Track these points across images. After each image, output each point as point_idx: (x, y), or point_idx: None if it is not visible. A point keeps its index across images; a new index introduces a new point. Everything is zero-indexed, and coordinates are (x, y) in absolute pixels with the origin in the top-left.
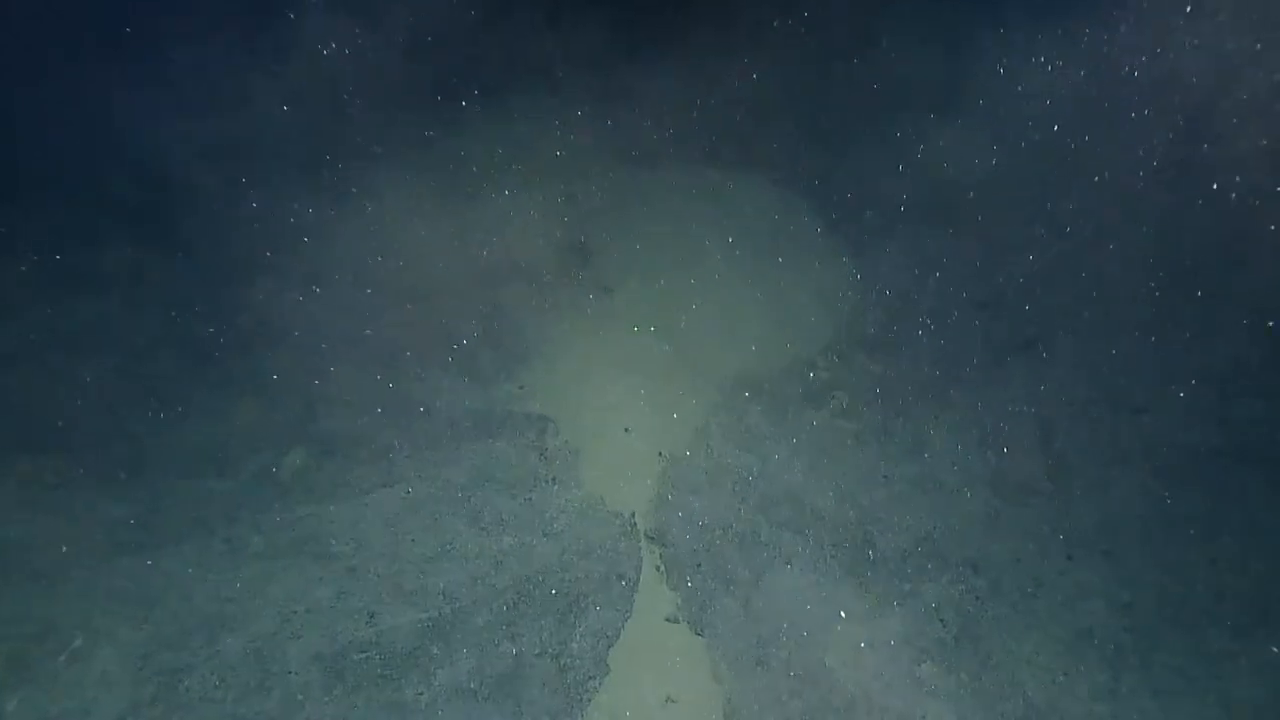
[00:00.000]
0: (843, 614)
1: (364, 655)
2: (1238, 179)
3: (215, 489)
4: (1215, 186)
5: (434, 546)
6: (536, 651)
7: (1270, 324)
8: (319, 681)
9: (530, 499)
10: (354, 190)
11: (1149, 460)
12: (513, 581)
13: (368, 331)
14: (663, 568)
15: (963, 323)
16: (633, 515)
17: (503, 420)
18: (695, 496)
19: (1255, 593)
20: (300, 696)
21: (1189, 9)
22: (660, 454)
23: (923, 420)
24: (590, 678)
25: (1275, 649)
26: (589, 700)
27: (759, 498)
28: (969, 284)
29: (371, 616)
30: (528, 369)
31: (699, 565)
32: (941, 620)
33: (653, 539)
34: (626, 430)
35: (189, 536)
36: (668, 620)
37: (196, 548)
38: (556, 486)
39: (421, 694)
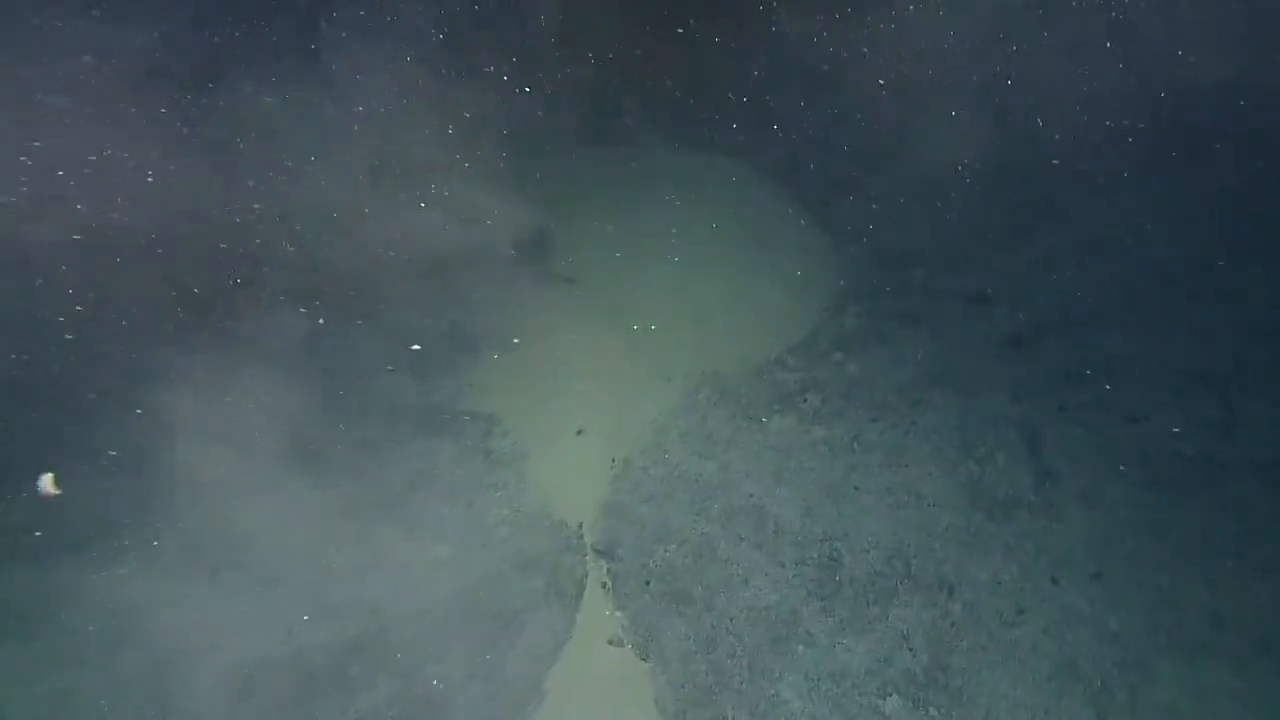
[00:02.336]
0: (803, 642)
1: (277, 674)
2: (1242, 168)
3: (127, 489)
4: (1220, 181)
5: (364, 556)
6: (466, 674)
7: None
8: (223, 703)
9: (470, 505)
10: (304, 174)
11: (1144, 472)
12: (445, 596)
13: (311, 321)
14: (609, 584)
15: (948, 320)
16: (580, 526)
17: (447, 419)
18: (649, 506)
19: (1257, 620)
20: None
21: None
22: (614, 459)
23: (900, 426)
24: (524, 704)
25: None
26: None
27: (718, 509)
28: (956, 278)
29: (289, 632)
30: (478, 364)
31: (648, 583)
32: (911, 649)
33: (600, 552)
34: (579, 433)
35: (93, 543)
36: (611, 643)
37: (101, 555)
38: (500, 493)
39: None
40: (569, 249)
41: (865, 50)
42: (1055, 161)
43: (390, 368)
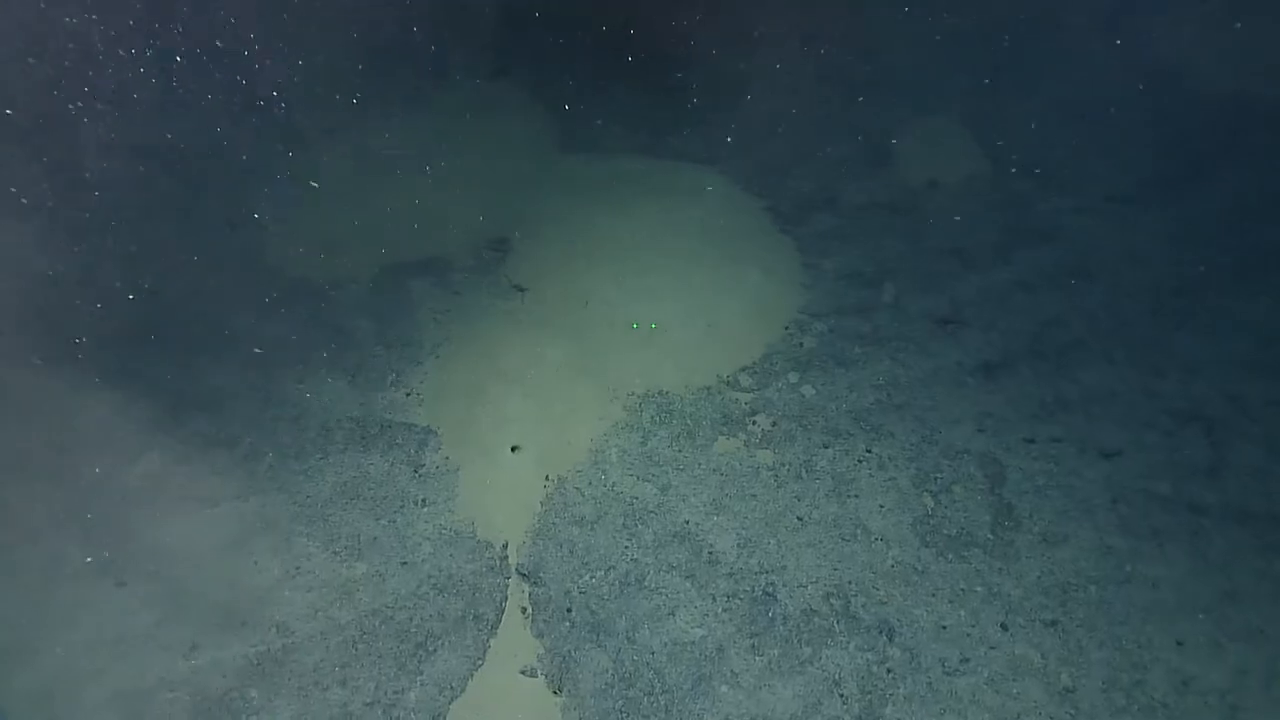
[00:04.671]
0: (727, 682)
1: (173, 695)
2: (1246, 188)
3: (43, 495)
4: (1221, 202)
5: (279, 570)
6: (367, 700)
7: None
8: None
9: (394, 522)
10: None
11: (1115, 514)
12: (357, 616)
13: (250, 323)
14: (529, 610)
15: (914, 343)
16: (505, 546)
17: (381, 430)
18: (579, 529)
19: (1228, 686)
20: None
21: None
22: (548, 477)
23: (853, 455)
24: None
25: None
26: None
27: (651, 535)
28: (927, 299)
29: (192, 649)
30: (420, 373)
31: (570, 610)
32: (842, 695)
33: (524, 575)
34: (514, 449)
35: (6, 550)
36: (523, 673)
37: (11, 563)
38: (426, 509)
39: None
40: (526, 257)
41: (846, 59)
42: (1040, 175)
43: (331, 374)
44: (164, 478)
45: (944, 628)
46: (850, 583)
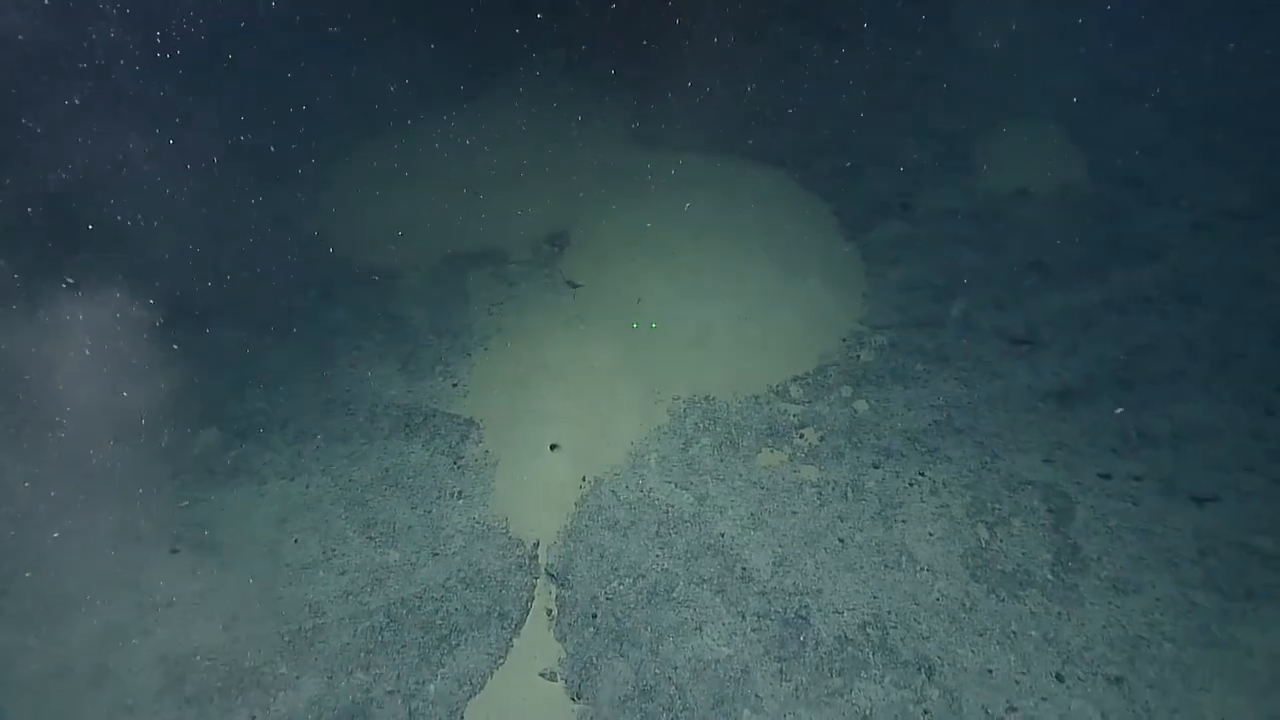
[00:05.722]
0: (750, 706)
1: (210, 664)
2: None
3: (117, 461)
4: None
5: (317, 551)
6: (389, 688)
7: None
8: (155, 686)
9: (429, 512)
10: (314, 160)
11: (1202, 567)
12: (385, 603)
13: (312, 306)
14: (555, 612)
15: (982, 363)
16: (536, 545)
17: (425, 419)
18: (612, 533)
19: None
20: (129, 701)
21: None
22: (584, 478)
23: (904, 477)
24: None
25: None
26: None
27: (684, 545)
28: (1002, 316)
29: (232, 619)
30: (468, 364)
31: (595, 615)
32: None
33: (553, 576)
34: (553, 447)
35: (69, 510)
36: (542, 676)
37: (74, 523)
38: (461, 501)
39: (254, 718)
40: (582, 252)
41: (927, 61)
42: (1146, 186)
43: (384, 362)
44: (221, 452)
45: (990, 671)
46: (890, 613)
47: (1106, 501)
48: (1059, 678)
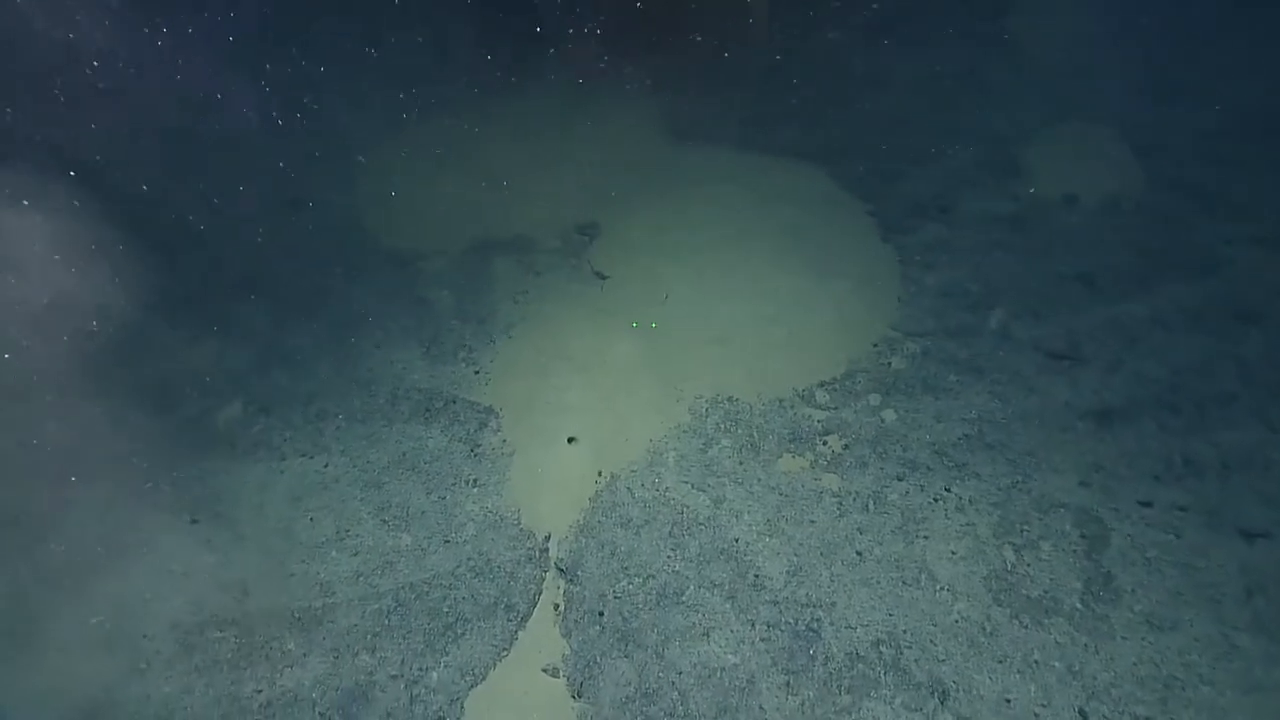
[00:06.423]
0: (754, 717)
1: (221, 634)
2: None
3: (143, 427)
4: None
5: (331, 530)
6: (393, 673)
7: None
8: (167, 652)
9: (444, 498)
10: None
11: (1249, 607)
12: (394, 587)
13: (341, 286)
14: (561, 607)
15: (1019, 377)
16: (547, 538)
17: (445, 405)
18: (625, 531)
19: None
20: (144, 665)
21: None
22: (600, 473)
23: (929, 491)
24: (439, 718)
25: None
26: None
27: (697, 547)
28: (1042, 328)
29: (245, 593)
30: (491, 351)
31: (602, 614)
32: None
33: (562, 571)
34: (571, 439)
35: (97, 476)
36: (545, 671)
37: (107, 486)
38: (476, 489)
39: (260, 691)
40: (612, 243)
41: (974, 59)
42: (1207, 196)
43: (406, 344)
44: (244, 426)
45: (1008, 701)
46: (905, 632)
47: (1145, 531)
48: (1082, 714)
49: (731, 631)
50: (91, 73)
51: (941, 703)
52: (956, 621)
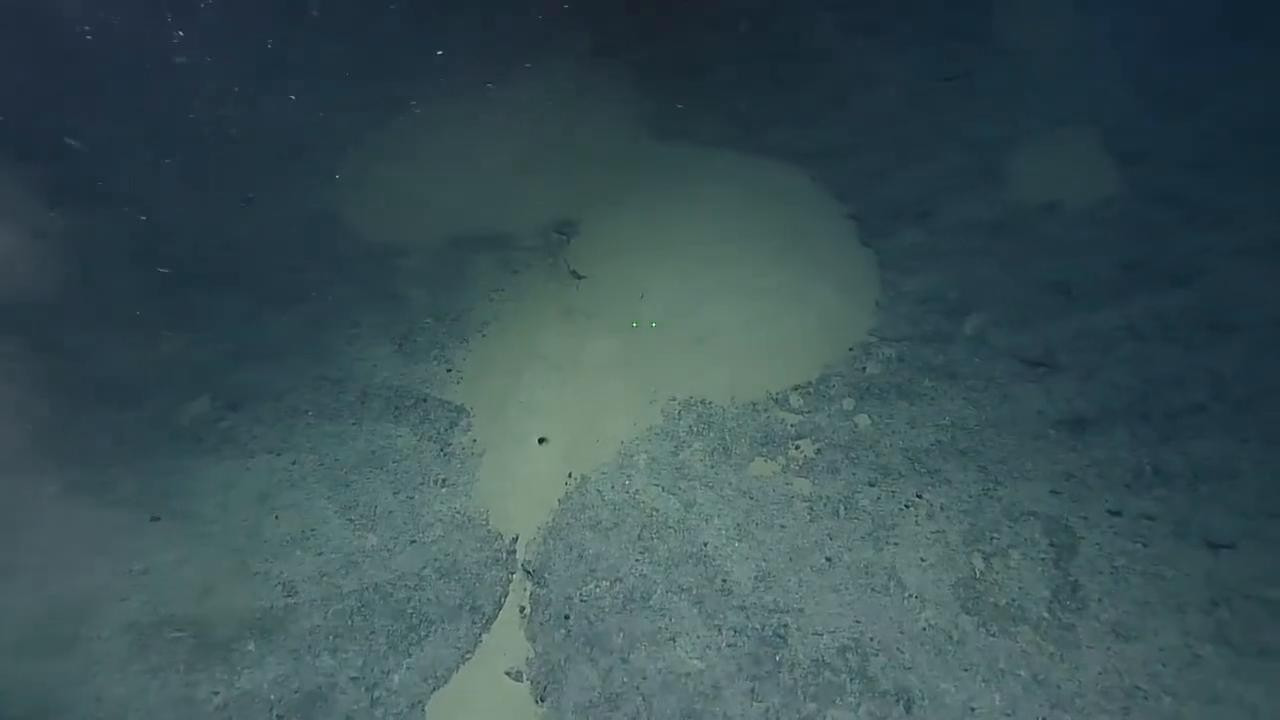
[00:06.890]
0: None
1: (179, 635)
2: None
3: (105, 421)
4: None
5: (296, 529)
6: (354, 675)
7: None
8: (121, 653)
9: (411, 498)
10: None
11: (1212, 618)
12: (359, 587)
13: (316, 280)
14: (527, 610)
15: (993, 384)
16: (515, 540)
17: (416, 403)
18: (593, 533)
19: None
20: (95, 667)
21: None
22: (571, 475)
23: (900, 497)
24: None
25: None
26: None
27: (666, 551)
28: (1018, 335)
29: (205, 593)
30: (464, 350)
31: (568, 617)
32: None
33: (529, 573)
34: (542, 440)
35: (60, 469)
36: (508, 675)
37: (63, 481)
38: (444, 489)
39: (217, 694)
40: (590, 243)
41: (962, 62)
42: (1189, 206)
43: (379, 340)
44: (211, 421)
45: (973, 709)
46: (872, 639)
47: (1114, 540)
48: None
49: (698, 637)
50: (65, 69)
51: (906, 710)
52: (924, 629)
